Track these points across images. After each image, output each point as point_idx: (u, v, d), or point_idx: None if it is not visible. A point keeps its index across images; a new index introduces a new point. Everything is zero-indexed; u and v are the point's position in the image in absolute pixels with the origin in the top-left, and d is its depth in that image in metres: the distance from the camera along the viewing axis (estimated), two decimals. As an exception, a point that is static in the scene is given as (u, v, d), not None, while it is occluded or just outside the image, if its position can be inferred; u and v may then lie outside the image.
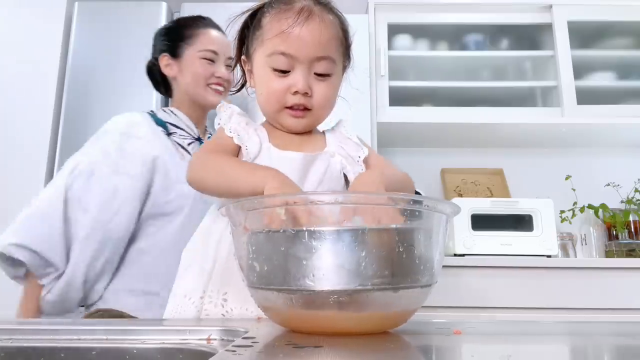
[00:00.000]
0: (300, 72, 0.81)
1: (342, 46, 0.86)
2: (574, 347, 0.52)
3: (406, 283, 0.49)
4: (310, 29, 0.80)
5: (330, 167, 0.85)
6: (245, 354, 0.41)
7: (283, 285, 0.48)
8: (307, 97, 0.82)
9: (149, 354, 0.58)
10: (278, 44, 0.80)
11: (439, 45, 2.45)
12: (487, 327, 0.69)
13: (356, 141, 0.91)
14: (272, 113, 0.85)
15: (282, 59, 0.80)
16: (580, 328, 0.70)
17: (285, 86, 0.82)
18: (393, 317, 0.52)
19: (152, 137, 1.23)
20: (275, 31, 0.81)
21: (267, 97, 0.84)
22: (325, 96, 0.84)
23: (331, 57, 0.83)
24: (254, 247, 0.51)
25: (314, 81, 0.82)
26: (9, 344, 0.58)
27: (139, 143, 1.21)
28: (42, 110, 2.18)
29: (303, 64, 0.81)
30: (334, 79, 0.85)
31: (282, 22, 0.80)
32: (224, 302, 0.80)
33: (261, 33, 0.84)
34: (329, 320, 0.49)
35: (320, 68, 0.82)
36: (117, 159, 1.18)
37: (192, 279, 0.83)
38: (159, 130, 1.26)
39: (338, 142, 0.90)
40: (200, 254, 0.84)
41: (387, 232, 0.50)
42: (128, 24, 2.24)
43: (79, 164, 1.18)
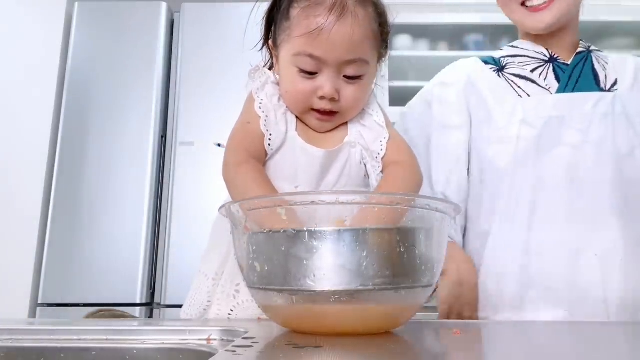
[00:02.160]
0: (327, 76, 0.75)
1: (377, 41, 0.78)
2: (574, 347, 0.52)
3: (407, 283, 0.49)
4: (341, 29, 0.72)
5: (350, 158, 0.81)
6: (245, 354, 0.41)
7: (284, 285, 0.48)
8: (334, 102, 0.76)
9: (149, 354, 0.58)
10: (305, 44, 0.73)
11: (439, 45, 2.44)
12: (487, 327, 0.69)
13: (379, 121, 0.84)
14: (296, 111, 0.80)
15: (309, 60, 0.74)
16: (581, 328, 0.70)
17: (311, 89, 0.76)
18: (394, 317, 0.52)
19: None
20: (304, 29, 0.73)
21: (293, 97, 0.78)
22: (355, 99, 0.78)
23: (363, 59, 0.76)
24: (255, 247, 0.51)
25: (343, 84, 0.76)
26: (9, 344, 0.58)
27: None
28: (42, 110, 2.18)
29: (331, 67, 0.74)
30: (365, 80, 0.79)
31: (311, 19, 0.72)
32: (236, 294, 0.79)
33: (289, 26, 0.76)
34: (330, 320, 0.49)
35: (351, 71, 0.75)
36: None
37: (212, 259, 0.83)
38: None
39: (360, 126, 0.83)
40: (221, 235, 0.83)
41: (389, 232, 0.50)
42: (128, 24, 2.24)
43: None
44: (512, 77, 1.01)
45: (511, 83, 1.00)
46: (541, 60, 1.01)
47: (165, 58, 2.24)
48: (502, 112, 0.98)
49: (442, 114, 1.04)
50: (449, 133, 1.02)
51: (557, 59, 1.00)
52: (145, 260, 2.01)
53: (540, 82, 0.98)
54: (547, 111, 0.94)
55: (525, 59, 1.04)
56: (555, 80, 0.98)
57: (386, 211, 0.51)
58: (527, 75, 1.00)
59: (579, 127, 0.92)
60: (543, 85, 0.98)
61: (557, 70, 0.99)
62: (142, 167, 2.09)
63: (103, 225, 2.04)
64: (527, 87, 0.98)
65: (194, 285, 0.84)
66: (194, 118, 2.13)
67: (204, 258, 0.86)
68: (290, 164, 0.78)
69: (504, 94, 0.99)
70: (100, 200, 2.06)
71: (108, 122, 2.14)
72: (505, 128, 0.96)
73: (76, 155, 2.10)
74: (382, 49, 0.82)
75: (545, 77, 0.99)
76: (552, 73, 0.99)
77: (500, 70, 1.04)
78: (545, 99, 0.96)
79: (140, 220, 2.05)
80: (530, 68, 1.01)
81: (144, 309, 1.99)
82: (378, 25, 0.78)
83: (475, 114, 1.01)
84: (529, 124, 0.94)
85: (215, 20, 2.23)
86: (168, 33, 2.29)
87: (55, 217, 2.04)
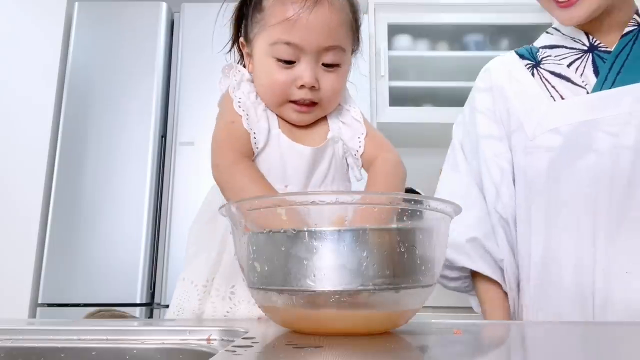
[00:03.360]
0: (306, 64, 0.73)
1: (351, 31, 0.78)
2: (573, 347, 0.52)
3: (407, 283, 0.49)
4: (319, 15, 0.71)
5: (335, 154, 0.80)
6: (245, 354, 0.41)
7: (284, 285, 0.48)
8: (314, 90, 0.75)
9: (149, 354, 0.57)
10: (282, 32, 0.72)
11: (439, 45, 2.44)
12: (487, 327, 0.69)
13: (356, 117, 0.83)
14: (274, 106, 0.78)
15: (286, 48, 0.72)
16: (581, 328, 0.70)
17: (290, 79, 0.74)
18: (394, 317, 0.52)
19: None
20: (280, 17, 0.72)
21: (270, 89, 0.76)
22: (334, 88, 0.76)
23: (340, 46, 0.75)
24: (255, 247, 0.51)
25: (322, 73, 0.75)
26: (9, 344, 0.58)
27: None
28: (42, 110, 2.18)
29: (310, 54, 0.73)
30: (343, 69, 0.78)
31: (287, 6, 0.72)
32: (232, 295, 0.78)
33: (262, 17, 0.75)
34: (330, 320, 0.49)
35: (329, 58, 0.74)
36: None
37: (198, 266, 0.81)
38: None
39: (340, 122, 0.83)
40: (208, 241, 0.82)
41: (389, 232, 0.50)
42: (128, 24, 2.24)
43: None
44: (547, 74, 0.93)
45: (545, 83, 0.92)
46: (579, 50, 0.91)
47: (165, 58, 2.24)
48: (532, 120, 0.91)
49: (484, 124, 0.99)
50: (492, 144, 0.97)
51: (597, 47, 0.89)
52: (145, 260, 2.01)
53: (576, 80, 0.89)
54: (577, 115, 0.86)
55: (562, 50, 0.93)
56: (593, 74, 0.88)
57: (383, 210, 0.52)
58: (563, 72, 0.91)
59: (611, 131, 0.83)
60: (579, 83, 0.89)
61: (597, 62, 0.88)
62: (142, 167, 2.09)
63: (103, 225, 2.04)
64: (561, 87, 0.90)
65: (177, 293, 0.82)
66: (194, 118, 2.13)
67: (188, 265, 0.84)
68: (278, 163, 0.77)
69: (536, 100, 0.92)
70: (100, 200, 2.06)
71: (108, 122, 2.14)
72: (534, 138, 0.90)
73: (76, 155, 2.10)
74: (355, 42, 0.81)
75: (582, 71, 0.89)
76: (591, 66, 0.88)
77: (536, 65, 0.95)
78: (576, 101, 0.87)
79: (140, 220, 2.05)
80: (567, 62, 0.91)
81: (144, 309, 1.99)
82: (352, 15, 0.78)
83: (506, 124, 0.96)
84: (557, 131, 0.87)
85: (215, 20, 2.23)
86: (168, 33, 2.29)
87: (55, 217, 2.04)
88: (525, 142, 0.91)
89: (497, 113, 0.97)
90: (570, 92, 0.89)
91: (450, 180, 1.05)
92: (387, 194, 0.62)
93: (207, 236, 0.83)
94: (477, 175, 0.99)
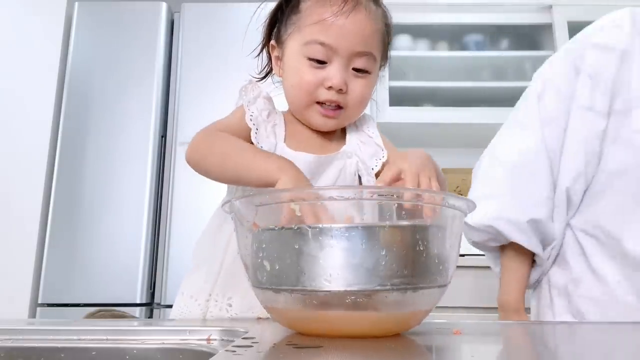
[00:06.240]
0: (337, 66, 0.73)
1: (383, 43, 0.79)
2: (574, 347, 0.52)
3: (425, 283, 0.47)
4: (355, 20, 0.72)
5: (345, 168, 0.79)
6: (245, 354, 0.41)
7: (296, 285, 0.46)
8: (341, 93, 0.75)
9: (149, 354, 0.57)
10: (318, 32, 0.73)
11: (439, 45, 2.44)
12: (487, 327, 0.69)
13: (379, 143, 0.84)
14: (300, 107, 0.78)
15: (320, 48, 0.73)
16: (584, 329, 0.70)
17: (319, 79, 0.74)
18: (408, 319, 0.50)
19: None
20: (316, 18, 0.73)
21: (298, 88, 0.76)
22: (362, 95, 0.77)
23: (372, 54, 0.76)
24: (264, 245, 0.49)
25: (351, 77, 0.75)
26: (9, 344, 0.58)
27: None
28: (42, 110, 2.18)
29: (342, 57, 0.73)
30: (372, 77, 0.78)
31: (326, 8, 0.72)
32: (229, 307, 0.78)
33: (299, 18, 0.76)
34: (342, 322, 0.47)
35: (360, 63, 0.75)
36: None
37: (199, 280, 0.81)
38: None
39: (358, 141, 0.83)
40: (209, 254, 0.82)
41: (408, 229, 0.48)
42: (128, 24, 2.24)
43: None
44: None
45: None
46: None
47: (165, 58, 2.24)
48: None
49: (589, 93, 0.84)
50: (592, 119, 0.84)
51: None
52: (145, 260, 2.01)
53: None
54: None
55: None
56: None
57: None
58: None
59: None
60: None
61: None
62: (142, 167, 2.09)
63: (103, 225, 2.04)
64: None
65: (177, 307, 0.82)
66: (194, 118, 2.12)
67: (188, 280, 0.84)
68: None
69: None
70: (100, 200, 2.06)
71: (108, 122, 2.14)
72: (638, 132, 0.79)
73: (76, 155, 2.10)
74: (384, 53, 0.82)
75: None
76: None
77: None
78: None
79: (140, 220, 2.05)
80: None
81: (144, 309, 1.99)
82: (386, 28, 0.79)
83: (614, 97, 0.82)
84: None
85: (215, 20, 2.23)
86: (168, 33, 2.29)
87: (55, 217, 2.04)
88: (629, 134, 0.81)
89: (611, 82, 0.82)
90: None
91: (516, 137, 0.95)
92: (409, 189, 0.58)
93: (208, 251, 0.83)
94: (555, 145, 0.88)
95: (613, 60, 0.82)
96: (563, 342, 0.54)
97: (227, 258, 0.80)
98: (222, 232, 0.81)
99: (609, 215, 0.85)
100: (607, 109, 0.83)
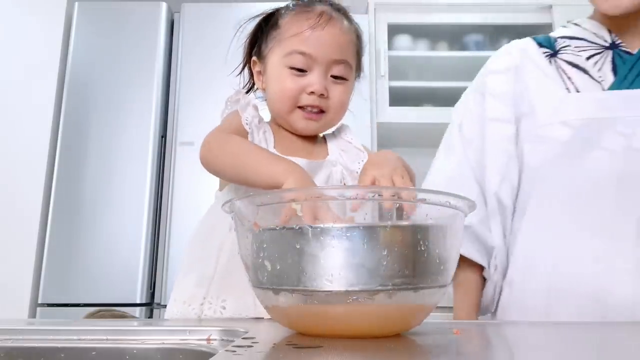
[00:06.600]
0: (317, 73, 0.80)
1: (357, 55, 0.86)
2: (574, 347, 0.52)
3: (426, 283, 0.47)
4: (331, 32, 0.80)
5: (332, 175, 0.83)
6: (245, 354, 0.41)
7: (297, 285, 0.46)
8: (323, 98, 0.81)
9: (149, 354, 0.57)
10: (297, 43, 0.80)
11: (439, 45, 2.45)
12: (487, 327, 0.69)
13: (358, 146, 0.89)
14: (283, 113, 0.83)
15: (300, 58, 0.79)
16: (580, 328, 0.70)
17: (300, 86, 0.80)
18: (409, 319, 0.51)
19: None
20: (296, 30, 0.80)
21: (281, 94, 0.81)
22: (341, 99, 0.83)
23: (348, 62, 0.82)
24: (265, 245, 0.49)
25: (331, 84, 0.81)
26: (9, 344, 0.58)
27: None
28: (42, 110, 2.18)
29: (321, 65, 0.80)
30: (349, 84, 0.84)
31: (303, 22, 0.80)
32: (223, 310, 0.78)
33: (279, 33, 0.83)
34: (343, 322, 0.47)
35: (338, 71, 0.81)
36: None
37: (192, 285, 0.81)
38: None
39: (339, 150, 0.88)
40: (201, 259, 0.82)
41: (409, 229, 0.48)
42: (128, 24, 2.24)
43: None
44: (564, 64, 0.92)
45: (561, 73, 0.92)
46: (600, 46, 0.91)
47: (165, 58, 2.24)
48: (545, 108, 0.91)
49: (494, 107, 0.97)
50: (501, 127, 0.96)
51: (619, 46, 0.90)
52: (145, 260, 2.01)
53: (594, 74, 0.89)
54: (590, 111, 0.86)
55: (583, 42, 0.93)
56: (611, 72, 0.88)
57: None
58: (581, 63, 0.91)
59: (625, 132, 0.82)
60: (596, 77, 0.89)
61: (617, 60, 0.89)
62: (142, 167, 2.09)
63: (103, 225, 2.04)
64: (578, 79, 0.90)
65: (170, 315, 0.82)
66: (194, 118, 2.13)
67: (179, 286, 0.84)
68: None
69: (551, 87, 0.91)
70: (100, 200, 2.06)
71: (108, 122, 2.14)
72: (544, 127, 0.90)
73: (76, 155, 2.10)
74: (358, 66, 0.88)
75: (600, 67, 0.89)
76: (610, 63, 0.89)
77: (554, 54, 0.94)
78: (592, 97, 0.87)
79: (140, 220, 2.05)
80: (587, 55, 0.91)
81: (144, 309, 1.99)
82: (357, 41, 0.86)
83: (518, 106, 0.95)
84: (568, 124, 0.87)
85: (215, 20, 2.23)
86: (168, 33, 2.29)
87: (55, 217, 2.04)
88: (535, 129, 0.91)
89: (510, 95, 0.96)
90: (586, 86, 0.89)
91: (443, 163, 1.04)
92: (410, 189, 0.59)
93: (201, 253, 0.83)
94: (478, 159, 0.97)
95: (509, 78, 0.97)
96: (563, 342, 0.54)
97: (220, 260, 0.80)
98: (214, 234, 0.83)
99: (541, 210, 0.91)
100: (512, 116, 0.95)
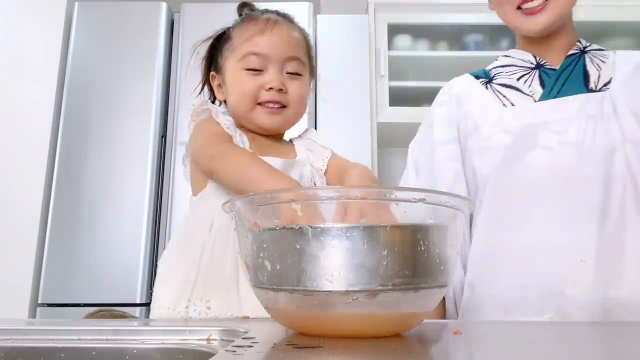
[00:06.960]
0: (273, 70, 0.84)
1: (308, 55, 0.91)
2: (574, 347, 0.52)
3: (426, 283, 0.47)
4: (280, 32, 0.86)
5: (303, 175, 0.86)
6: (245, 354, 0.41)
7: (297, 285, 0.46)
8: (282, 93, 0.85)
9: (149, 354, 0.57)
10: (250, 46, 0.85)
11: (439, 45, 2.44)
12: (487, 327, 0.69)
13: (322, 144, 0.94)
14: (245, 112, 0.86)
15: (254, 58, 0.84)
16: (580, 329, 0.70)
17: (259, 84, 0.84)
18: (409, 319, 0.50)
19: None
20: (247, 36, 0.85)
21: (241, 95, 0.85)
22: (299, 93, 0.87)
23: (300, 59, 0.87)
24: (265, 245, 0.49)
25: (287, 79, 0.86)
26: (9, 344, 0.58)
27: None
28: (42, 110, 2.18)
29: (275, 63, 0.84)
30: (304, 79, 0.89)
31: (252, 28, 0.86)
32: (208, 310, 0.79)
33: (231, 43, 0.88)
34: (343, 322, 0.47)
35: (292, 67, 0.86)
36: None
37: (175, 290, 0.81)
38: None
39: (306, 150, 0.92)
40: (182, 263, 0.82)
41: (410, 229, 0.48)
42: (128, 24, 2.24)
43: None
44: (498, 87, 1.04)
45: (497, 93, 1.03)
46: (527, 67, 1.03)
47: (165, 58, 2.24)
48: (487, 122, 1.00)
49: (440, 132, 1.07)
50: (448, 147, 1.05)
51: (543, 65, 1.02)
52: (145, 260, 2.01)
53: (525, 90, 0.99)
54: (527, 118, 0.95)
55: (513, 68, 1.05)
56: (540, 86, 0.99)
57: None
58: (513, 84, 1.02)
59: (557, 130, 0.92)
60: (527, 92, 0.99)
61: (543, 76, 1.00)
62: (142, 167, 2.09)
63: (103, 225, 2.04)
64: (512, 96, 1.00)
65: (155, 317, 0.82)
66: (194, 118, 2.12)
67: (159, 293, 0.84)
68: None
69: (490, 105, 1.01)
70: (100, 200, 2.06)
71: (108, 122, 2.14)
72: (488, 138, 0.98)
73: (76, 155, 2.10)
74: (310, 67, 0.92)
75: (530, 83, 1.00)
76: (538, 79, 1.00)
77: (489, 81, 1.06)
78: (525, 106, 0.97)
79: (140, 220, 2.05)
80: (517, 76, 1.03)
81: (144, 309, 1.99)
82: (305, 41, 0.91)
83: (463, 127, 1.04)
84: (509, 131, 0.96)
85: (215, 20, 2.23)
86: (168, 33, 2.29)
87: (55, 217, 2.04)
88: (481, 143, 1.00)
89: (454, 118, 1.06)
90: (520, 100, 0.99)
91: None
92: (408, 189, 0.60)
93: (184, 256, 0.83)
94: (430, 181, 1.05)
95: (451, 107, 1.07)
96: (562, 342, 0.54)
97: (203, 261, 0.81)
98: (195, 238, 0.83)
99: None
100: (456, 136, 1.04)
